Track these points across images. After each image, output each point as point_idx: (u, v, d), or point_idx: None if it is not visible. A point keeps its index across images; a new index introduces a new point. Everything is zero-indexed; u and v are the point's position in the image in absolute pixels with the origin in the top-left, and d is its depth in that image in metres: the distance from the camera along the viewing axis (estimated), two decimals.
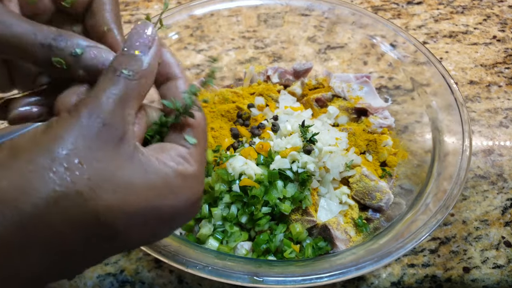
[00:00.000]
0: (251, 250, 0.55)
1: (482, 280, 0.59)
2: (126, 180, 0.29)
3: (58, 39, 0.31)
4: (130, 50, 0.32)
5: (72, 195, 0.27)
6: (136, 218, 0.29)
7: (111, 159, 0.29)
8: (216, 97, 0.68)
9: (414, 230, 0.49)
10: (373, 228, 0.59)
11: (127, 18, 0.97)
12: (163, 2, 0.39)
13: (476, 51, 0.90)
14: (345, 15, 0.74)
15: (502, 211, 0.66)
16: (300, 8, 0.76)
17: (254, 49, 0.81)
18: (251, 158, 0.58)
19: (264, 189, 0.54)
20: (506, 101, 0.81)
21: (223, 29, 0.77)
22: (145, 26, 0.34)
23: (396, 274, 0.59)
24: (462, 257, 0.61)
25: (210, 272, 0.45)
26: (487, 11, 1.00)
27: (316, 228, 0.57)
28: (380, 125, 0.68)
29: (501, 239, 0.63)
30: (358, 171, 0.61)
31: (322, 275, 0.45)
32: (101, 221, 0.28)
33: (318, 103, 0.71)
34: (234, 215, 0.55)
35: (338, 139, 0.62)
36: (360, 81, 0.72)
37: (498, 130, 0.76)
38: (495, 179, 0.70)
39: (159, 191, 0.30)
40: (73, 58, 0.32)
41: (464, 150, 0.55)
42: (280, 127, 0.63)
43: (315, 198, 0.58)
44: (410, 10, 1.00)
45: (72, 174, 0.27)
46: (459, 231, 0.64)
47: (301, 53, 0.80)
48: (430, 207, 0.52)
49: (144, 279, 0.58)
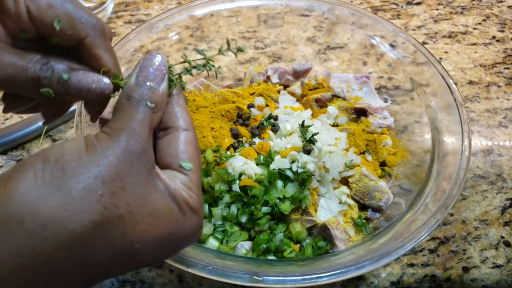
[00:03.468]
0: (251, 250, 0.55)
1: (481, 279, 0.59)
2: (155, 207, 0.30)
3: (44, 69, 0.32)
4: (147, 81, 0.34)
5: (115, 219, 0.28)
6: (156, 242, 0.31)
7: (145, 185, 0.30)
8: (216, 97, 0.69)
9: (413, 229, 0.49)
10: (372, 228, 0.59)
11: (128, 19, 0.97)
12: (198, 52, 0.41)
13: (476, 52, 0.91)
14: (344, 15, 0.74)
15: (501, 211, 0.66)
16: (300, 9, 0.76)
17: (254, 49, 0.81)
18: (251, 158, 0.58)
19: (264, 189, 0.54)
20: (505, 101, 0.81)
21: (223, 29, 0.77)
22: (157, 57, 0.36)
23: (395, 274, 0.59)
24: (462, 256, 0.61)
25: (210, 272, 0.45)
26: (487, 12, 1.00)
27: (315, 227, 0.57)
28: (380, 125, 0.68)
29: (500, 239, 0.63)
30: (357, 171, 0.61)
31: (321, 274, 0.45)
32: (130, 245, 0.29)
33: (317, 103, 0.71)
34: (234, 214, 0.55)
35: (338, 139, 0.63)
36: (360, 81, 0.72)
37: (497, 130, 0.77)
38: (494, 179, 0.70)
39: (176, 220, 0.32)
40: (60, 85, 0.33)
41: (464, 150, 0.56)
42: (280, 127, 0.63)
43: (315, 198, 0.59)
44: (410, 10, 1.00)
45: (116, 199, 0.28)
46: (459, 231, 0.64)
47: (301, 53, 0.80)
48: (430, 207, 0.52)
49: (144, 278, 0.58)
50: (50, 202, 0.26)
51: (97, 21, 0.35)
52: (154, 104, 0.33)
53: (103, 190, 0.28)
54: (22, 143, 0.73)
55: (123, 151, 0.29)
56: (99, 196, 0.27)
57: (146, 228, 0.29)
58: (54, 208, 0.26)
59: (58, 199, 0.26)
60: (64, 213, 0.26)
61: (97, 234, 0.27)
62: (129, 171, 0.29)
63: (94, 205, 0.27)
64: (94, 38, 0.35)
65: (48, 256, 0.26)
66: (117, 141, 0.29)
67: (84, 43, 0.35)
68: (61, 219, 0.26)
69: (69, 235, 0.26)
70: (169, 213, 0.31)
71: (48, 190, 0.26)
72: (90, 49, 0.35)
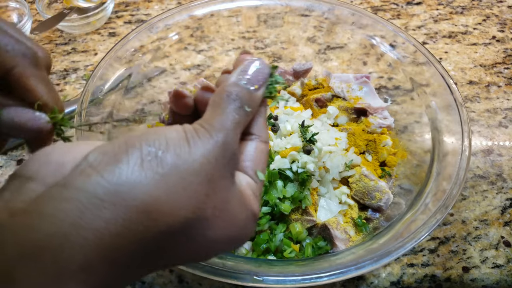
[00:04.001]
0: (251, 250, 0.55)
1: (481, 279, 0.59)
2: (233, 212, 0.30)
3: None
4: (249, 85, 0.33)
5: (202, 220, 0.27)
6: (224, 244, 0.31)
7: (228, 189, 0.30)
8: None
9: (413, 229, 0.49)
10: (372, 228, 0.59)
11: (128, 19, 0.97)
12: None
13: (476, 51, 0.91)
14: (344, 15, 0.74)
15: (501, 211, 0.66)
16: (300, 9, 0.76)
17: (254, 49, 0.81)
18: None
19: (264, 188, 0.54)
20: (505, 101, 0.81)
21: (223, 29, 0.77)
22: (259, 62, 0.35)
23: (395, 274, 0.59)
24: (462, 256, 0.61)
25: (210, 272, 0.45)
26: (487, 12, 1.00)
27: (315, 227, 0.57)
28: (380, 125, 0.68)
29: (501, 239, 0.63)
30: (357, 171, 0.61)
31: (321, 274, 0.45)
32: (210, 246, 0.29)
33: (317, 103, 0.71)
34: None
35: (338, 139, 0.63)
36: (360, 81, 0.72)
37: (497, 130, 0.77)
38: (494, 179, 0.70)
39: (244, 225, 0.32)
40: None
41: (464, 150, 0.56)
42: (280, 127, 0.63)
43: (315, 198, 0.59)
44: (410, 10, 1.00)
45: (208, 199, 0.28)
46: (459, 231, 0.64)
47: (301, 53, 0.80)
48: (430, 207, 0.52)
49: (144, 278, 0.58)
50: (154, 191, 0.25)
51: (27, 49, 0.32)
52: (251, 109, 0.32)
53: (200, 188, 0.27)
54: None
55: (220, 152, 0.29)
56: (197, 194, 0.27)
57: (223, 232, 0.29)
58: (159, 199, 0.25)
59: (162, 190, 0.25)
60: (165, 206, 0.25)
61: (185, 232, 0.27)
62: (221, 173, 0.29)
63: (191, 202, 0.26)
64: (24, 68, 0.32)
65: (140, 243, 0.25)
66: (216, 141, 0.29)
67: (13, 74, 0.32)
68: (162, 212, 0.25)
69: (167, 229, 0.25)
70: (241, 218, 0.31)
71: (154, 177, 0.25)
72: (20, 81, 0.32)
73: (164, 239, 0.26)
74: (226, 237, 0.30)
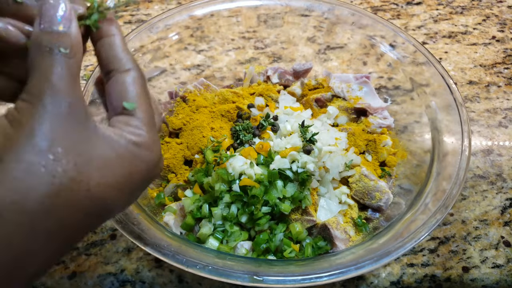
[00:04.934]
0: (251, 250, 0.55)
1: (481, 279, 0.59)
2: (103, 157, 0.30)
3: None
4: (53, 26, 0.30)
5: (67, 183, 0.27)
6: (116, 189, 0.31)
7: (85, 139, 0.29)
8: (216, 97, 0.69)
9: (413, 229, 0.49)
10: (372, 228, 0.59)
11: (128, 19, 0.97)
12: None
13: (476, 52, 0.91)
14: (344, 15, 0.74)
15: (501, 211, 0.66)
16: (300, 9, 0.76)
17: (254, 49, 0.81)
18: (251, 158, 0.58)
19: (264, 188, 0.54)
20: (505, 101, 0.81)
21: (223, 29, 0.77)
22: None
23: (395, 274, 0.59)
24: (462, 256, 0.61)
25: (210, 272, 0.45)
26: (486, 12, 1.00)
27: (315, 227, 0.57)
28: (380, 125, 0.68)
29: (500, 239, 0.63)
30: (357, 171, 0.61)
31: (321, 274, 0.45)
32: (94, 199, 0.29)
33: (317, 103, 0.71)
34: (234, 214, 0.55)
35: (338, 139, 0.63)
36: (360, 81, 0.72)
37: (497, 130, 0.77)
38: (494, 179, 0.70)
39: (128, 161, 0.32)
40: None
41: (463, 150, 0.56)
42: (280, 127, 0.63)
43: (315, 197, 0.59)
44: (410, 10, 1.00)
45: (61, 164, 0.27)
46: (458, 231, 0.64)
47: (300, 53, 0.80)
48: (430, 206, 0.52)
49: (144, 278, 0.58)
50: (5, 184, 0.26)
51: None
52: (69, 49, 0.30)
53: (43, 160, 0.27)
54: None
55: (50, 115, 0.28)
56: (42, 167, 0.27)
57: (101, 180, 0.29)
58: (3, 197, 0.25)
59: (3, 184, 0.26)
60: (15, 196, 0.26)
61: (57, 203, 0.27)
62: (63, 132, 0.28)
63: (41, 178, 0.26)
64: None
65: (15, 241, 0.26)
66: (41, 106, 0.28)
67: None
68: (15, 202, 0.25)
69: (28, 216, 0.26)
70: (118, 157, 0.31)
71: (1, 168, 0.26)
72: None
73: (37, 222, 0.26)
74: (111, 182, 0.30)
